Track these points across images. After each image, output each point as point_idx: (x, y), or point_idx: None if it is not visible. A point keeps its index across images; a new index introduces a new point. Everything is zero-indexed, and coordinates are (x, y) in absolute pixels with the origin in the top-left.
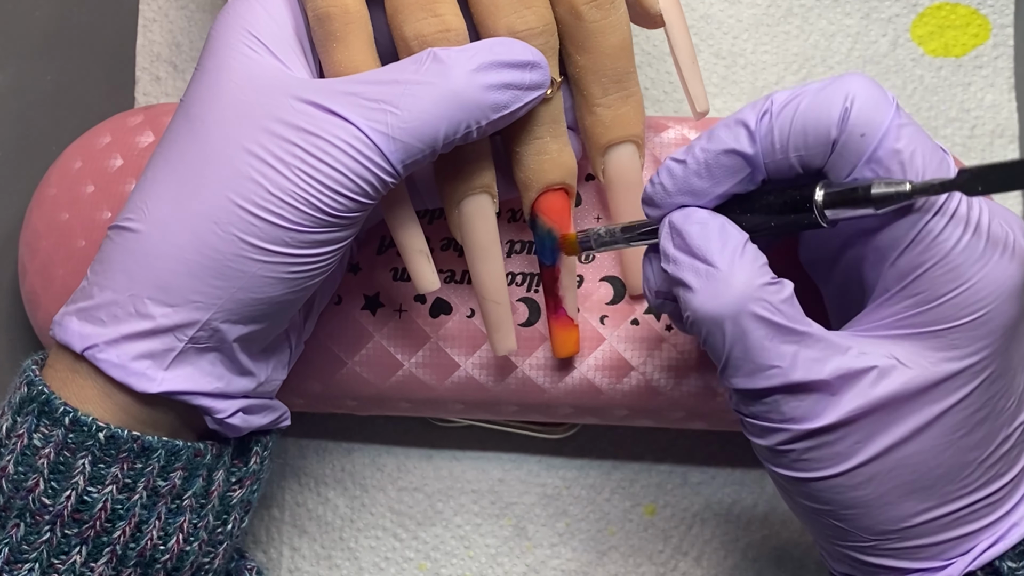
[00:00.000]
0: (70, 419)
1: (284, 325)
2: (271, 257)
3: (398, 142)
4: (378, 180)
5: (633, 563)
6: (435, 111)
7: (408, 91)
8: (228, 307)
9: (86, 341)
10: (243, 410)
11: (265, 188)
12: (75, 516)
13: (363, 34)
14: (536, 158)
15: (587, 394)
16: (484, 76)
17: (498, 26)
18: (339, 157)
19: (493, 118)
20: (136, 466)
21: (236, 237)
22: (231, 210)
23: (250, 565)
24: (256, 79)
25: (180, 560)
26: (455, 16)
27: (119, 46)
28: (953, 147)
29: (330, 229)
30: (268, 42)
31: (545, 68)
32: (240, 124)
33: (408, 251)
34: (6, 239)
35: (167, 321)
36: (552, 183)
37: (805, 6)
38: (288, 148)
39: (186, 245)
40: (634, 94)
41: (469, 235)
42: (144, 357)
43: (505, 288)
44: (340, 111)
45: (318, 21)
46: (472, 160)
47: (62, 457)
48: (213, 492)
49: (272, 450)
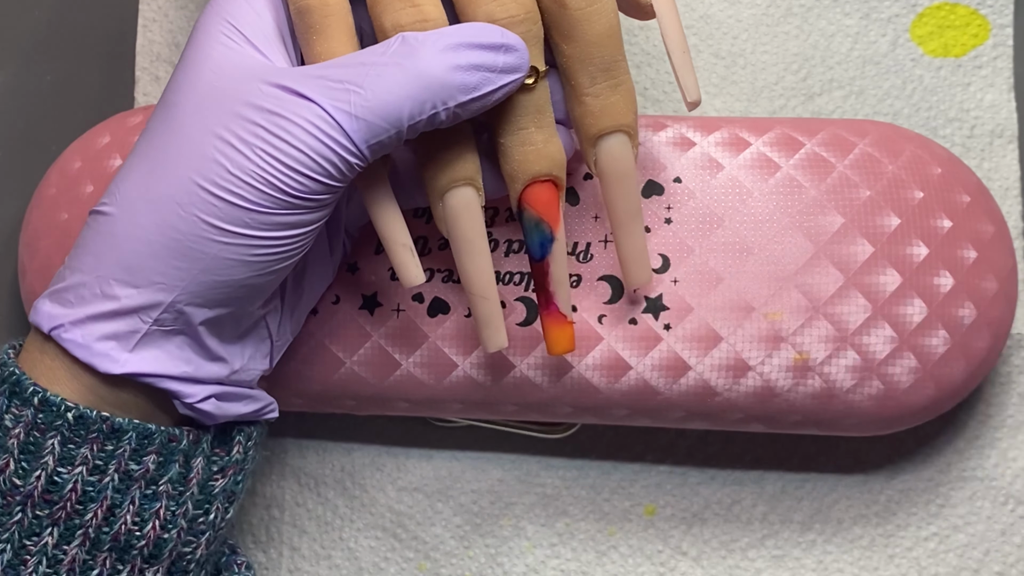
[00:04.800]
0: (39, 399)
1: (255, 311)
2: (232, 239)
3: (361, 121)
4: (341, 161)
5: (633, 563)
6: (399, 90)
7: (373, 71)
8: (192, 289)
9: (53, 321)
10: (216, 396)
11: (226, 168)
12: (45, 497)
13: (343, 25)
14: (521, 149)
15: (586, 393)
16: (452, 56)
17: (477, 14)
18: (301, 137)
19: (461, 100)
20: (107, 448)
21: (197, 218)
22: (193, 191)
23: (240, 560)
24: (232, 67)
25: (158, 547)
26: (434, 6)
27: (119, 46)
28: (953, 147)
29: (295, 211)
30: (248, 33)
31: (522, 52)
32: (210, 109)
33: (391, 244)
34: (6, 239)
35: (131, 302)
36: (538, 174)
37: (805, 6)
38: (252, 129)
39: (150, 226)
40: (623, 83)
41: (454, 229)
42: (108, 338)
43: (493, 283)
44: (306, 92)
45: (298, 14)
46: (454, 152)
47: (32, 437)
48: (192, 479)
49: (258, 441)
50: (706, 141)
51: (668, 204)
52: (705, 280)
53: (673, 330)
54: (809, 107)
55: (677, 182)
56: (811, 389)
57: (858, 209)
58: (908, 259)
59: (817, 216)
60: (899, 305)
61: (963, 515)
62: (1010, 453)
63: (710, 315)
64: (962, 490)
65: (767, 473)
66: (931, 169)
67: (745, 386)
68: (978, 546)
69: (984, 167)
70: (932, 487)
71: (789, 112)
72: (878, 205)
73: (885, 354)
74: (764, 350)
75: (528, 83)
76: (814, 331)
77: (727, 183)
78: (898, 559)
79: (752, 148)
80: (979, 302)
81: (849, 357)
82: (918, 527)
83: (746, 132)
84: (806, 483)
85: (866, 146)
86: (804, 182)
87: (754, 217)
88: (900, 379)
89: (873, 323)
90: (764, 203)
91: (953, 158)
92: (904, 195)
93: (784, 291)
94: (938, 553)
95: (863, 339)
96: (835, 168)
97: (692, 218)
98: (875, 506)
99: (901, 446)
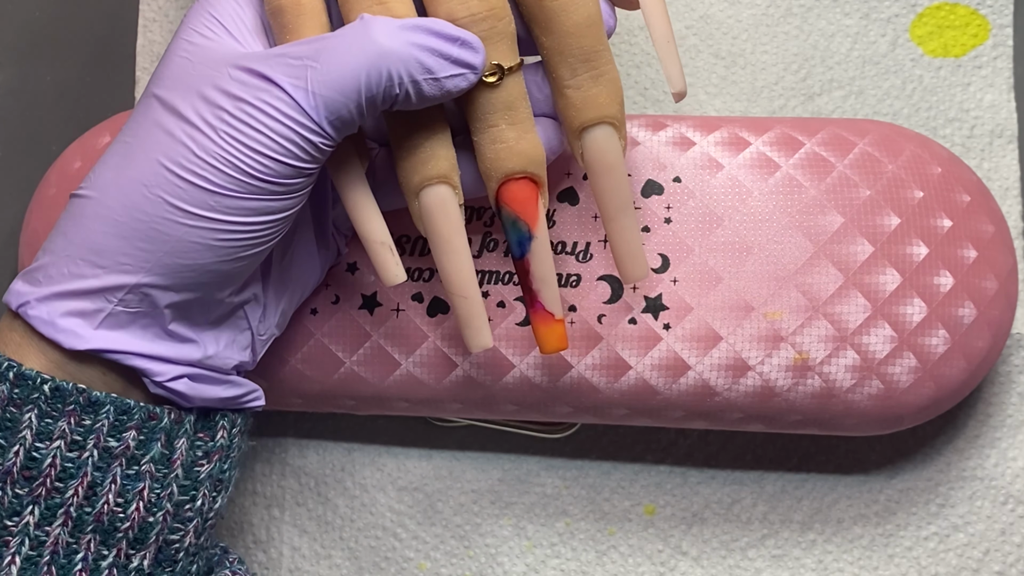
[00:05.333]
0: (14, 373)
1: (226, 299)
2: (198, 221)
3: (318, 96)
4: (304, 140)
5: (633, 563)
6: (354, 62)
7: (329, 45)
8: (156, 271)
9: (20, 299)
10: (189, 377)
11: (191, 150)
12: (24, 474)
13: (316, 25)
14: (492, 147)
15: (585, 393)
16: (409, 33)
17: (439, 11)
18: (262, 119)
19: (417, 77)
20: (84, 422)
21: (162, 199)
22: (160, 172)
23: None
24: (207, 54)
25: (143, 531)
26: (401, 4)
27: (119, 46)
28: (953, 147)
29: (262, 196)
30: (228, 25)
31: (477, 50)
32: (181, 93)
33: (369, 243)
34: (6, 239)
35: (97, 283)
36: (511, 172)
37: (804, 6)
38: (217, 113)
39: (117, 207)
40: (606, 73)
41: (430, 227)
42: (73, 315)
43: (474, 281)
44: (267, 72)
45: (272, 15)
46: (428, 150)
47: (8, 413)
48: (176, 461)
49: (243, 429)
50: (706, 141)
51: (668, 204)
52: (705, 280)
53: (673, 330)
54: (809, 107)
55: (677, 182)
56: (811, 389)
57: (858, 209)
58: (908, 259)
59: (817, 216)
60: (899, 305)
61: (963, 515)
62: (1010, 453)
63: (710, 315)
64: (962, 490)
65: (767, 473)
66: (931, 169)
67: (745, 386)
68: (978, 546)
69: (984, 167)
70: (932, 487)
71: (789, 112)
72: (878, 205)
73: (885, 354)
74: (764, 350)
75: (490, 80)
76: (814, 331)
77: (727, 183)
78: (898, 559)
79: (752, 148)
80: (979, 302)
81: (849, 357)
82: (918, 527)
83: (746, 132)
84: (806, 483)
85: (866, 146)
86: (804, 182)
87: (754, 217)
88: (900, 379)
89: (873, 323)
90: (764, 203)
91: (953, 158)
92: (904, 195)
93: (784, 291)
94: (938, 553)
95: (863, 339)
96: (835, 168)
97: (692, 218)
98: (875, 506)
99: (901, 446)
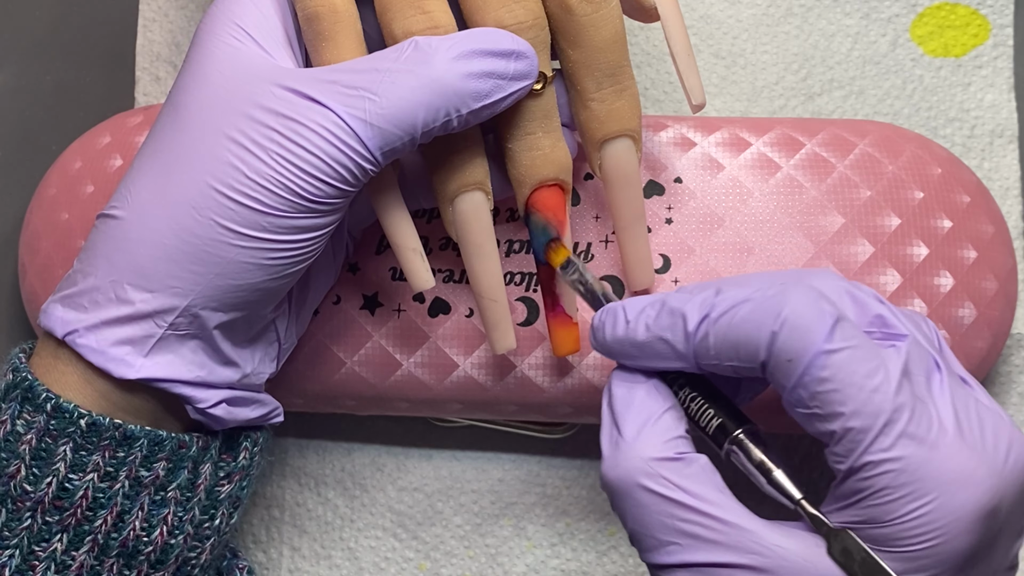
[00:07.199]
0: (52, 405)
1: (267, 315)
2: (249, 242)
3: (375, 128)
4: (356, 166)
5: (633, 563)
6: (413, 98)
7: (387, 78)
8: (207, 293)
9: (67, 327)
10: (227, 401)
11: (242, 172)
12: (56, 503)
13: (352, 32)
14: (528, 154)
15: (586, 393)
16: (465, 64)
17: (486, 21)
18: (316, 142)
19: (474, 107)
20: (118, 455)
21: (214, 222)
22: (209, 194)
23: (242, 564)
24: (240, 67)
25: (164, 553)
26: (444, 13)
27: (119, 46)
28: (953, 147)
29: (309, 215)
30: (255, 33)
31: (532, 59)
32: (221, 110)
33: (401, 249)
34: (6, 239)
35: (146, 307)
36: (545, 179)
37: (805, 6)
38: (266, 133)
39: (165, 230)
40: (628, 88)
41: (464, 233)
42: (123, 343)
43: (502, 286)
44: (319, 98)
45: (307, 21)
46: (465, 157)
47: (44, 443)
48: (200, 485)
49: (264, 447)
50: (707, 141)
51: (669, 204)
52: (706, 280)
53: None
54: (809, 107)
55: (678, 182)
56: None
57: (858, 209)
58: (908, 259)
59: (817, 216)
60: (899, 305)
61: None
62: None
63: None
64: None
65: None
66: (931, 169)
67: None
68: None
69: (984, 167)
70: None
71: (789, 112)
72: (878, 205)
73: None
74: None
75: (536, 88)
76: None
77: (728, 183)
78: None
79: (752, 148)
80: (979, 302)
81: None
82: None
83: (746, 132)
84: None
85: (866, 146)
86: (804, 182)
87: (755, 217)
88: None
89: None
90: (764, 203)
91: (953, 158)
92: (904, 195)
93: None
94: None
95: None
96: (835, 168)
97: (693, 218)
98: None
99: None
